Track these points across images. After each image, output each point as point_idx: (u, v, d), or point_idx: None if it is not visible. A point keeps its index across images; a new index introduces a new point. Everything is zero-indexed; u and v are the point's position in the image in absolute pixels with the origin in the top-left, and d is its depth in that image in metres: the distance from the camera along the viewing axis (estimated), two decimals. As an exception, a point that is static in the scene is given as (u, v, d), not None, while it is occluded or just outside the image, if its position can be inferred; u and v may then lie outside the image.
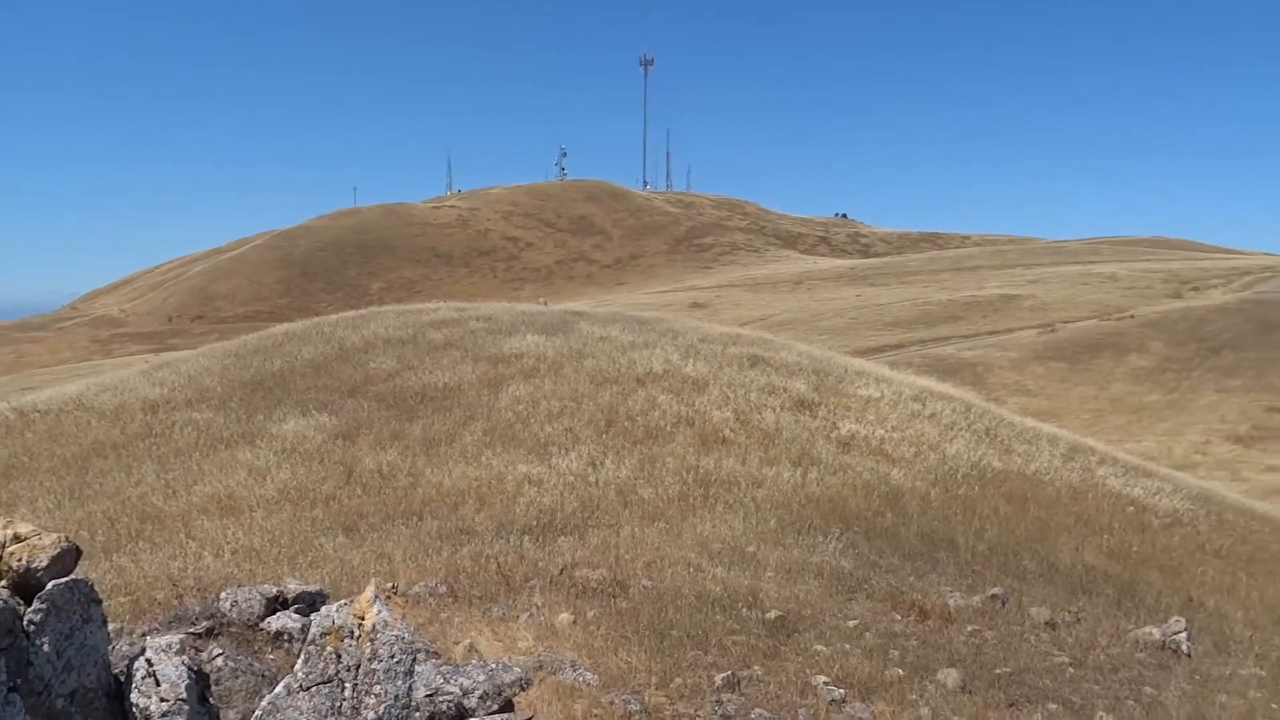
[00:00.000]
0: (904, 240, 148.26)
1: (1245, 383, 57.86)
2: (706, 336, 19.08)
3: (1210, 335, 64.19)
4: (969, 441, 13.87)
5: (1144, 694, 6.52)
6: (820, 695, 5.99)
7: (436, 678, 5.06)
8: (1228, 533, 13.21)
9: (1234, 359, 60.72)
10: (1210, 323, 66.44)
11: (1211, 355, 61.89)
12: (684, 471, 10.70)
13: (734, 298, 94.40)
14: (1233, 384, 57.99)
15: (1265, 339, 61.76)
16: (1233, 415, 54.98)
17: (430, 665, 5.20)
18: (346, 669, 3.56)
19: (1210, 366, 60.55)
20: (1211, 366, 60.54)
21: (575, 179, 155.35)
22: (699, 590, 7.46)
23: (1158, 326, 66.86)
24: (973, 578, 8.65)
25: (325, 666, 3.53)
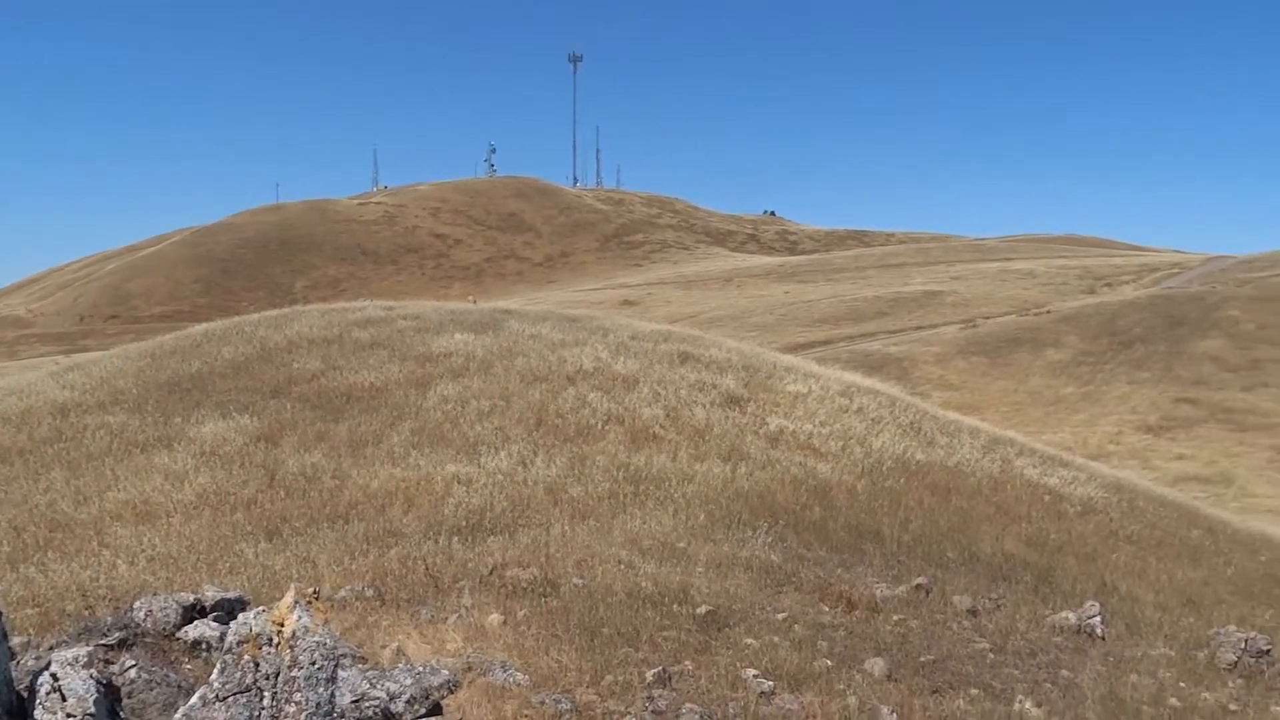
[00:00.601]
0: (831, 238, 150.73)
1: (1154, 375, 60.24)
2: (637, 334, 19.11)
3: (1122, 330, 66.67)
4: (894, 435, 14.15)
5: (1061, 677, 6.73)
6: (750, 688, 6.04)
7: (362, 683, 4.96)
8: (1139, 519, 13.71)
9: (1144, 352, 63.17)
10: (1122, 317, 68.98)
11: (1123, 349, 64.29)
12: (614, 469, 10.70)
13: (664, 295, 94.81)
14: (1143, 376, 60.33)
15: (1172, 333, 64.37)
16: (1143, 406, 57.19)
17: (356, 670, 5.09)
18: (265, 677, 3.46)
19: (1122, 360, 62.89)
20: (1123, 360, 62.89)
21: (505, 176, 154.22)
22: (630, 587, 7.46)
23: (1073, 321, 69.17)
24: (898, 568, 8.83)
25: (243, 675, 3.44)
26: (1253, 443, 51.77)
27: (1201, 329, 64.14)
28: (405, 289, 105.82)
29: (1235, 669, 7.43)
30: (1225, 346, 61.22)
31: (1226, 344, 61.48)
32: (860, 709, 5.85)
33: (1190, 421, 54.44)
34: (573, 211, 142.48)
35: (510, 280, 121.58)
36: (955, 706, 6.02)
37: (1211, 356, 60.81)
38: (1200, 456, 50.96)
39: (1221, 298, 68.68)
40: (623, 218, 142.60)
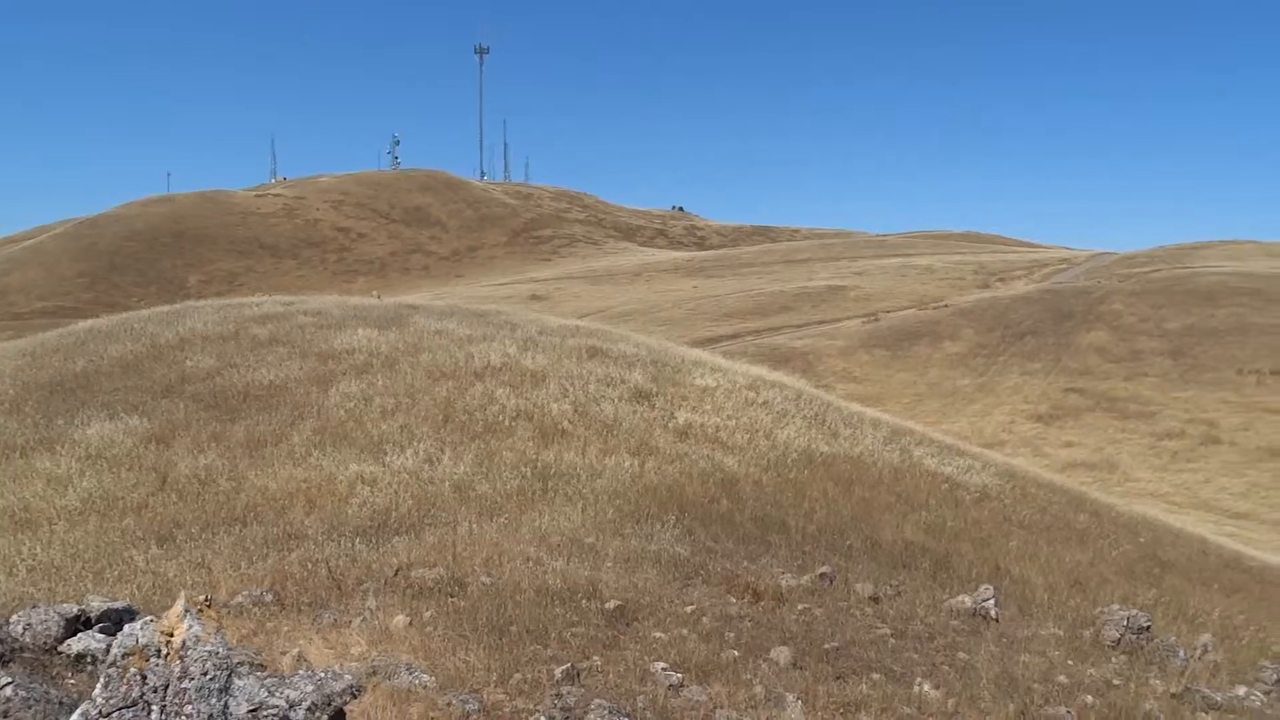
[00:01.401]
0: (738, 233, 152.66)
1: (1045, 366, 62.91)
2: (545, 329, 19.01)
3: (1014, 322, 69.41)
4: (800, 427, 14.42)
5: (958, 659, 6.96)
6: (659, 681, 6.07)
7: (260, 692, 4.80)
8: (1030, 505, 14.30)
9: (1035, 344, 65.91)
10: (1014, 311, 71.80)
11: (1016, 341, 66.94)
12: (523, 465, 10.62)
13: (574, 289, 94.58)
14: (1034, 367, 62.94)
15: (1061, 326, 67.33)
16: (1035, 396, 59.68)
17: (253, 679, 4.92)
18: (153, 690, 3.31)
19: (1015, 351, 65.49)
20: (1016, 351, 65.49)
21: (410, 168, 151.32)
22: (538, 584, 7.41)
23: (969, 315, 71.70)
24: (803, 558, 9.00)
25: (129, 689, 3.28)
26: (1134, 430, 54.57)
27: (1087, 322, 67.31)
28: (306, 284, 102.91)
29: (1119, 645, 7.81)
30: (1109, 338, 64.37)
31: (1110, 336, 64.64)
32: (766, 698, 5.94)
33: (1078, 410, 57.07)
34: (480, 205, 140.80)
35: (416, 275, 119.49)
36: (858, 691, 6.17)
37: (1096, 348, 63.86)
38: (1087, 444, 53.47)
39: (1105, 292, 72.17)
40: (531, 212, 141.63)
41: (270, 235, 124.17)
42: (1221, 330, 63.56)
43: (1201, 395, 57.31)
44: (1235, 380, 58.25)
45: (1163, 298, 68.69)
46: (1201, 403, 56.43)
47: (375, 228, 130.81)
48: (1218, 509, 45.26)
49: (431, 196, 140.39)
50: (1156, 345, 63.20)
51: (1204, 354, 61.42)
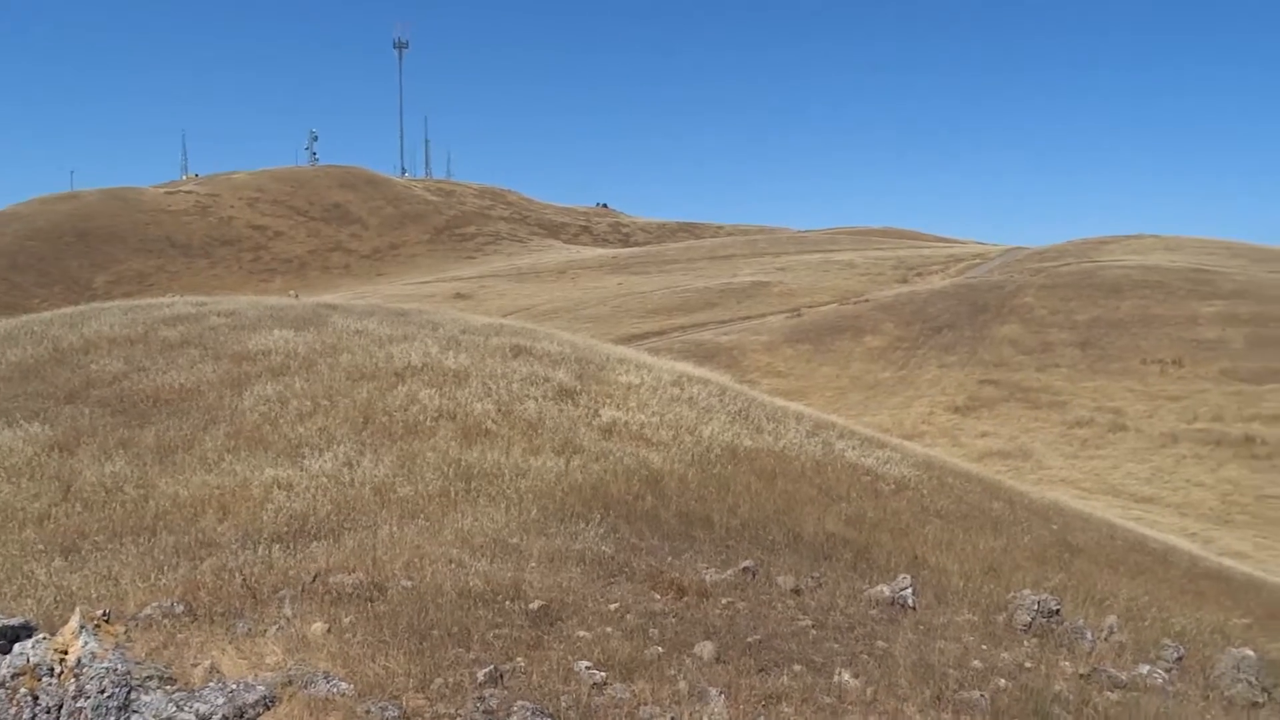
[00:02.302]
0: (663, 230, 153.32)
1: (961, 358, 64.69)
2: (468, 328, 18.80)
3: (932, 316, 71.20)
4: (724, 423, 14.53)
5: (877, 647, 7.10)
6: (583, 680, 6.05)
7: (168, 706, 4.64)
8: (947, 494, 14.65)
9: (952, 337, 67.71)
10: (932, 305, 73.65)
11: (934, 334, 68.69)
12: (445, 466, 10.48)
13: (498, 288, 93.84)
14: (951, 360, 64.66)
15: (976, 319, 69.30)
16: (952, 388, 61.32)
17: (160, 694, 4.76)
18: (45, 711, 3.16)
19: (933, 345, 67.20)
20: (934, 345, 67.20)
21: (328, 165, 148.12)
22: (461, 586, 7.33)
23: (889, 309, 73.29)
24: (727, 552, 9.07)
25: (18, 712, 3.12)
26: (1046, 419, 56.49)
27: (1001, 315, 69.41)
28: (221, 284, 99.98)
29: (1030, 629, 8.07)
30: (1021, 331, 66.50)
31: (1022, 329, 66.78)
32: (690, 693, 5.98)
33: (993, 401, 58.82)
34: (402, 203, 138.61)
35: (336, 274, 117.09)
36: (780, 683, 6.25)
37: (1010, 340, 65.91)
38: (1002, 433, 55.16)
39: (1018, 286, 74.51)
40: (454, 209, 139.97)
41: (182, 234, 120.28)
42: (1126, 322, 66.21)
43: (1109, 384, 59.62)
44: (1140, 370, 60.75)
45: (1071, 291, 71.23)
46: (1109, 392, 58.72)
47: (293, 226, 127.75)
48: (1125, 494, 47.19)
49: (351, 193, 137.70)
50: (1066, 337, 65.53)
51: (1110, 345, 63.93)
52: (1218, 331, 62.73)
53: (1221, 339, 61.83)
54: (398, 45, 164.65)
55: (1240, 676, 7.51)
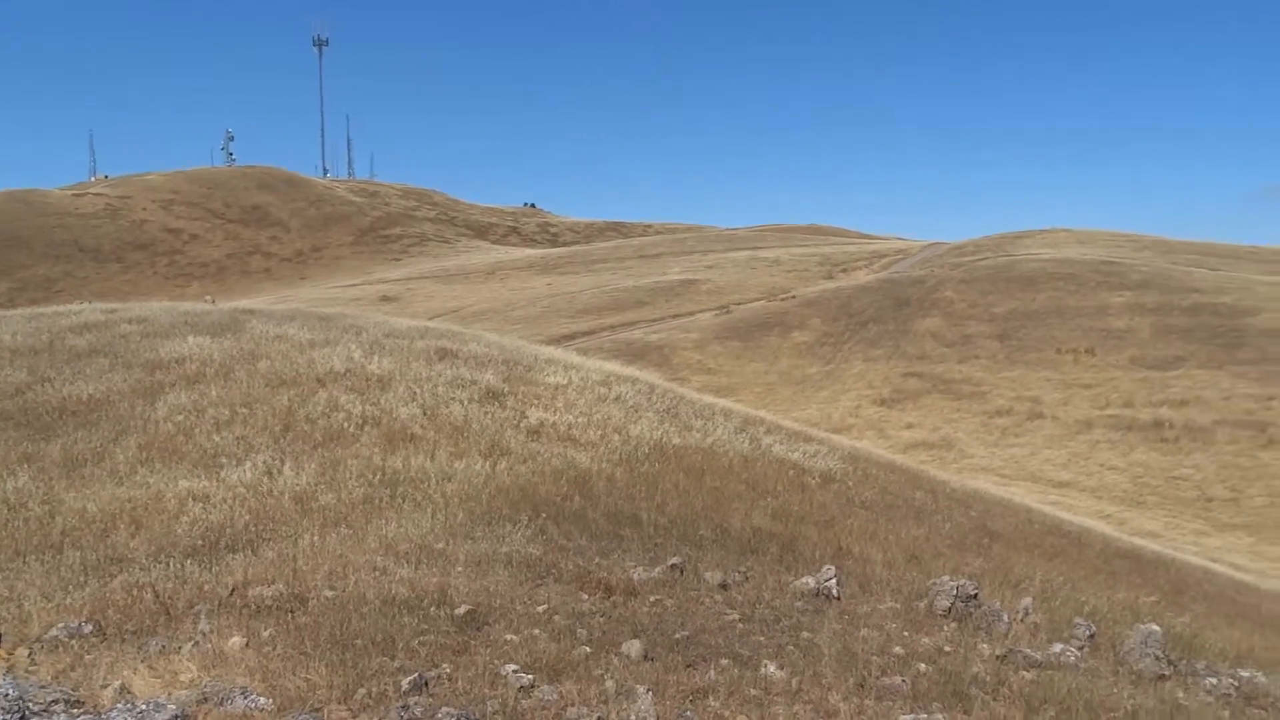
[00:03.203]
0: (591, 229, 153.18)
1: (886, 352, 66.04)
2: (393, 331, 18.53)
3: (857, 311, 72.54)
4: (652, 421, 14.58)
5: (802, 638, 7.21)
6: (509, 683, 6.01)
7: (73, 731, 4.47)
8: (872, 486, 14.95)
9: (877, 332, 69.08)
10: (857, 300, 75.02)
11: (859, 329, 69.98)
12: (369, 473, 10.31)
13: (425, 290, 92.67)
14: (876, 353, 65.97)
15: (900, 313, 70.81)
16: (878, 381, 62.56)
17: (64, 718, 4.58)
18: (-68, 743, 3.02)
19: (859, 339, 68.45)
20: (860, 339, 68.47)
21: (246, 165, 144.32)
22: (385, 594, 7.21)
23: (815, 305, 74.42)
24: (655, 550, 9.11)
25: (-98, 744, 2.97)
26: (968, 409, 58.03)
27: (923, 309, 71.05)
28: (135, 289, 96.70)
29: (950, 614, 8.27)
30: (943, 324, 68.17)
31: (943, 322, 68.47)
32: (617, 692, 5.98)
33: (917, 393, 60.21)
34: (324, 204, 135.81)
35: (257, 278, 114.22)
36: (707, 678, 6.29)
37: (932, 333, 67.53)
38: (926, 424, 56.50)
39: (938, 280, 76.36)
40: (379, 210, 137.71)
41: (91, 238, 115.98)
42: (1042, 313, 68.37)
43: (1026, 374, 61.51)
44: (1055, 359, 62.81)
45: (989, 284, 73.26)
46: (1026, 381, 60.57)
47: (210, 229, 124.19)
48: (1043, 479, 48.76)
49: (271, 195, 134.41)
50: (985, 329, 67.40)
51: (1027, 336, 65.93)
52: (1126, 321, 65.23)
53: (1130, 328, 64.32)
54: (317, 43, 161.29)
55: (1148, 651, 7.81)
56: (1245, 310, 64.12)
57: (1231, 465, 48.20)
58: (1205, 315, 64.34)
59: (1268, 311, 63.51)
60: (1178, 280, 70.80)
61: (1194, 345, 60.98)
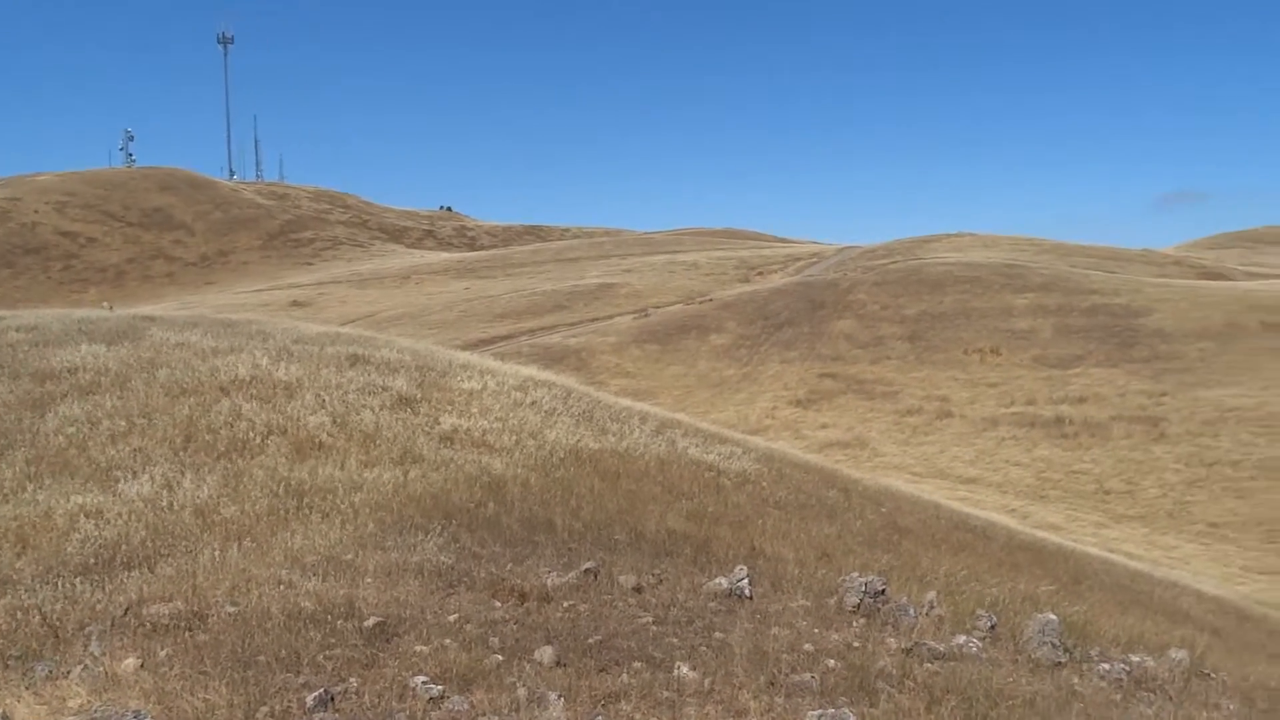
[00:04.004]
0: (509, 233, 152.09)
1: (801, 353, 67.18)
2: (302, 337, 18.08)
3: (773, 314, 73.61)
4: (568, 426, 14.54)
5: (715, 639, 7.27)
6: (419, 695, 5.92)
7: (-53, 764, 4.23)
8: (786, 486, 15.17)
9: (792, 334, 70.22)
10: (773, 303, 76.13)
11: (775, 331, 71.02)
12: (275, 483, 10.03)
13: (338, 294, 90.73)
14: (792, 355, 67.06)
15: (814, 315, 72.11)
16: (794, 382, 63.58)
17: (-63, 751, 4.33)
18: None
19: (774, 341, 69.48)
20: (775, 341, 69.50)
21: (147, 166, 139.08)
22: (290, 608, 7.02)
23: (732, 308, 75.27)
24: (569, 555, 9.07)
25: None
26: (881, 409, 59.44)
27: (837, 311, 72.50)
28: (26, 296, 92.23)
29: (859, 610, 8.44)
30: (855, 326, 69.67)
31: (856, 324, 69.98)
32: (529, 699, 5.94)
33: (831, 394, 61.40)
34: (231, 207, 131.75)
35: (159, 283, 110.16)
36: (620, 682, 6.30)
37: (845, 335, 68.96)
38: (840, 424, 57.66)
39: (852, 283, 78.02)
40: (289, 213, 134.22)
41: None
42: (949, 315, 70.44)
43: (935, 374, 63.30)
44: (962, 359, 64.79)
45: (900, 287, 75.15)
46: (935, 381, 62.34)
47: (108, 232, 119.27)
48: (952, 476, 50.23)
49: (173, 197, 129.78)
50: (896, 331, 69.12)
51: (936, 337, 67.85)
52: (1029, 322, 67.69)
53: (1033, 329, 66.75)
54: (222, 40, 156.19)
55: (1045, 639, 8.10)
56: (1138, 310, 67.21)
57: (1127, 459, 50.45)
58: (1102, 316, 67.22)
59: (1158, 312, 66.69)
60: (1076, 282, 73.77)
61: (1092, 344, 63.65)
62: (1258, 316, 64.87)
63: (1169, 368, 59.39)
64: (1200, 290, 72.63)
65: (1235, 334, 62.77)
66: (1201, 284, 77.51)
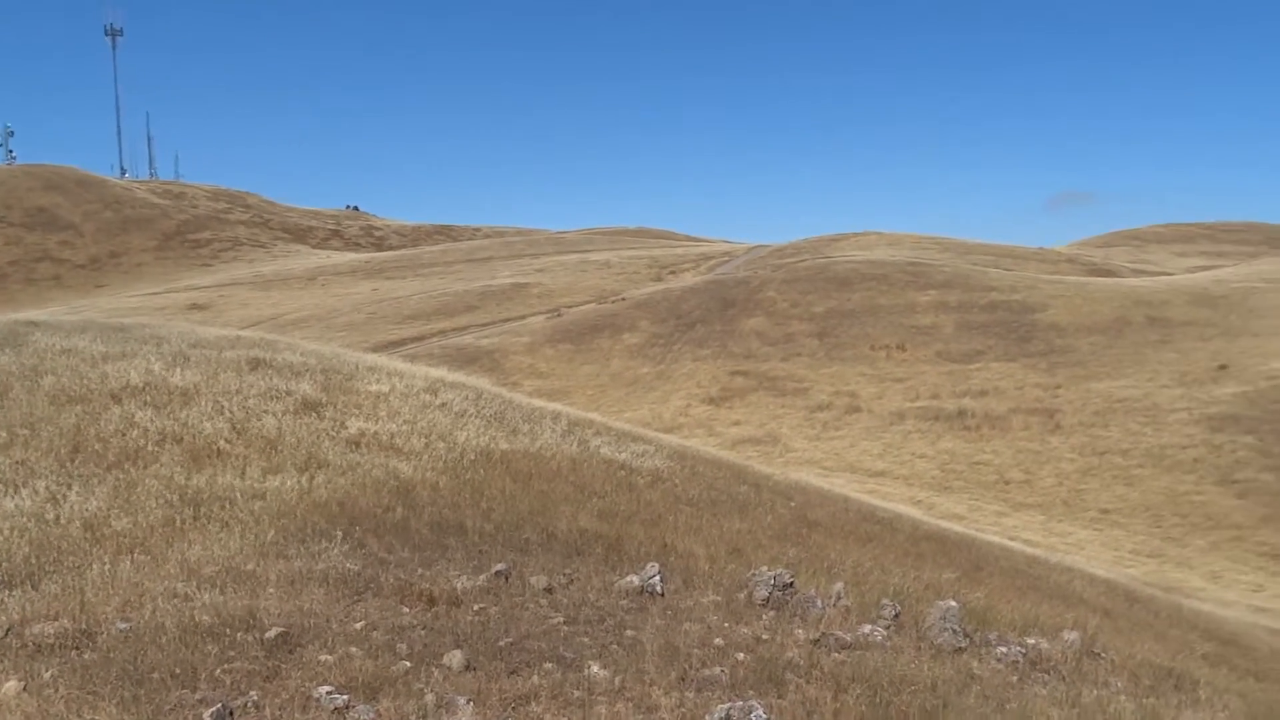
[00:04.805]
0: (418, 233, 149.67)
1: (713, 351, 67.89)
2: (199, 341, 17.45)
3: (686, 312, 74.20)
4: (479, 427, 14.37)
5: (626, 637, 7.28)
6: (323, 706, 5.78)
7: None
8: (699, 483, 15.30)
9: (704, 332, 70.90)
10: (685, 301, 76.73)
11: (688, 330, 71.61)
12: (170, 493, 9.65)
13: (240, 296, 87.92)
14: (705, 353, 67.71)
15: (725, 314, 72.96)
16: (706, 380, 64.22)
17: None
18: None
19: (687, 339, 70.04)
20: (688, 339, 70.08)
21: (30, 164, 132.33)
22: (186, 622, 6.77)
23: (645, 307, 75.60)
24: (480, 558, 8.97)
25: None
26: (791, 405, 60.49)
27: (748, 309, 73.51)
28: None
29: (768, 603, 8.57)
30: (766, 324, 70.75)
31: (767, 321, 71.07)
32: (438, 704, 5.86)
33: (744, 391, 62.24)
34: (123, 206, 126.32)
35: (45, 286, 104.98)
36: (530, 683, 6.26)
37: (757, 333, 69.97)
38: (753, 421, 58.50)
39: (762, 281, 79.19)
40: (185, 213, 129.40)
41: None
42: (857, 312, 72.11)
43: (844, 370, 64.74)
44: (870, 355, 66.42)
45: (809, 285, 76.62)
46: (844, 377, 63.76)
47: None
48: (861, 469, 51.46)
49: (60, 196, 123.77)
50: (806, 328, 70.45)
51: (844, 334, 69.39)
52: (932, 318, 69.79)
53: (936, 325, 68.86)
54: (110, 32, 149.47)
55: (946, 626, 8.36)
56: (1034, 306, 69.96)
57: (1025, 450, 52.48)
58: (1001, 312, 69.74)
59: (1052, 308, 69.54)
60: (976, 280, 76.36)
61: (991, 340, 65.99)
62: (1143, 311, 68.27)
63: (1063, 361, 62.03)
64: (1091, 287, 76.06)
65: (1123, 328, 65.96)
66: (1092, 281, 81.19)
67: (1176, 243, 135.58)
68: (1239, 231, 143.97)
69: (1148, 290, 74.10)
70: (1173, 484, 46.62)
